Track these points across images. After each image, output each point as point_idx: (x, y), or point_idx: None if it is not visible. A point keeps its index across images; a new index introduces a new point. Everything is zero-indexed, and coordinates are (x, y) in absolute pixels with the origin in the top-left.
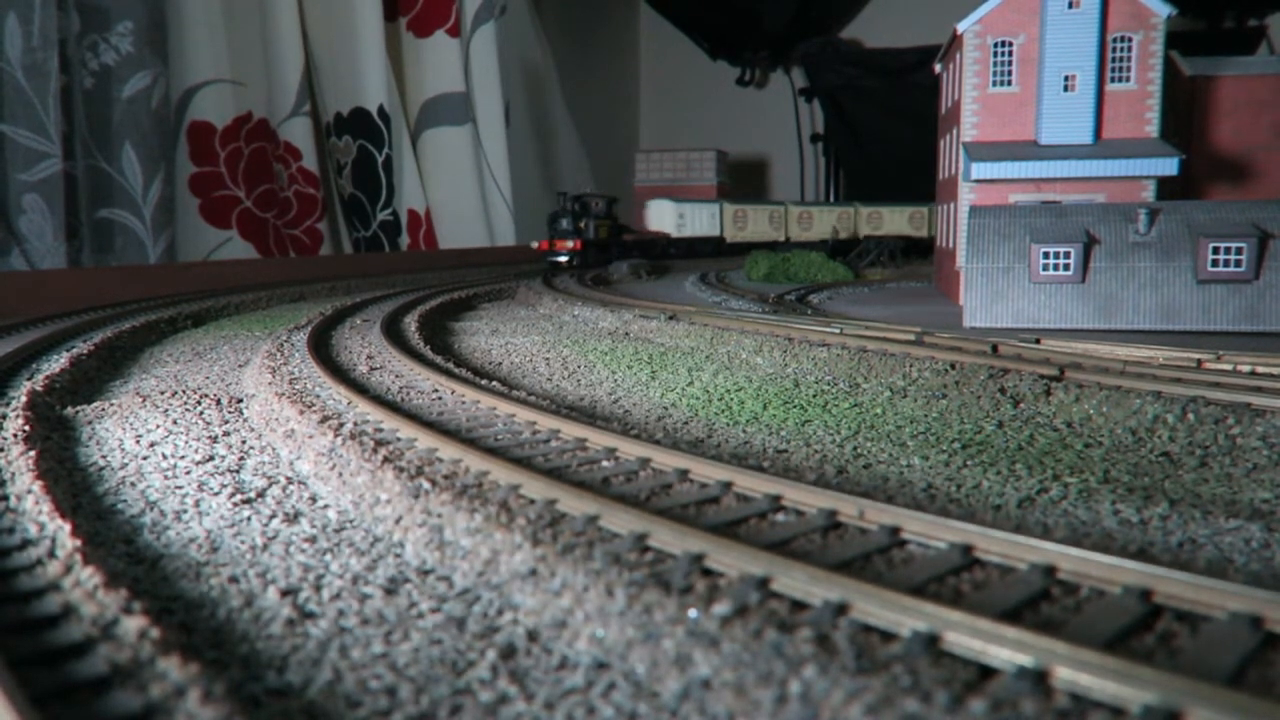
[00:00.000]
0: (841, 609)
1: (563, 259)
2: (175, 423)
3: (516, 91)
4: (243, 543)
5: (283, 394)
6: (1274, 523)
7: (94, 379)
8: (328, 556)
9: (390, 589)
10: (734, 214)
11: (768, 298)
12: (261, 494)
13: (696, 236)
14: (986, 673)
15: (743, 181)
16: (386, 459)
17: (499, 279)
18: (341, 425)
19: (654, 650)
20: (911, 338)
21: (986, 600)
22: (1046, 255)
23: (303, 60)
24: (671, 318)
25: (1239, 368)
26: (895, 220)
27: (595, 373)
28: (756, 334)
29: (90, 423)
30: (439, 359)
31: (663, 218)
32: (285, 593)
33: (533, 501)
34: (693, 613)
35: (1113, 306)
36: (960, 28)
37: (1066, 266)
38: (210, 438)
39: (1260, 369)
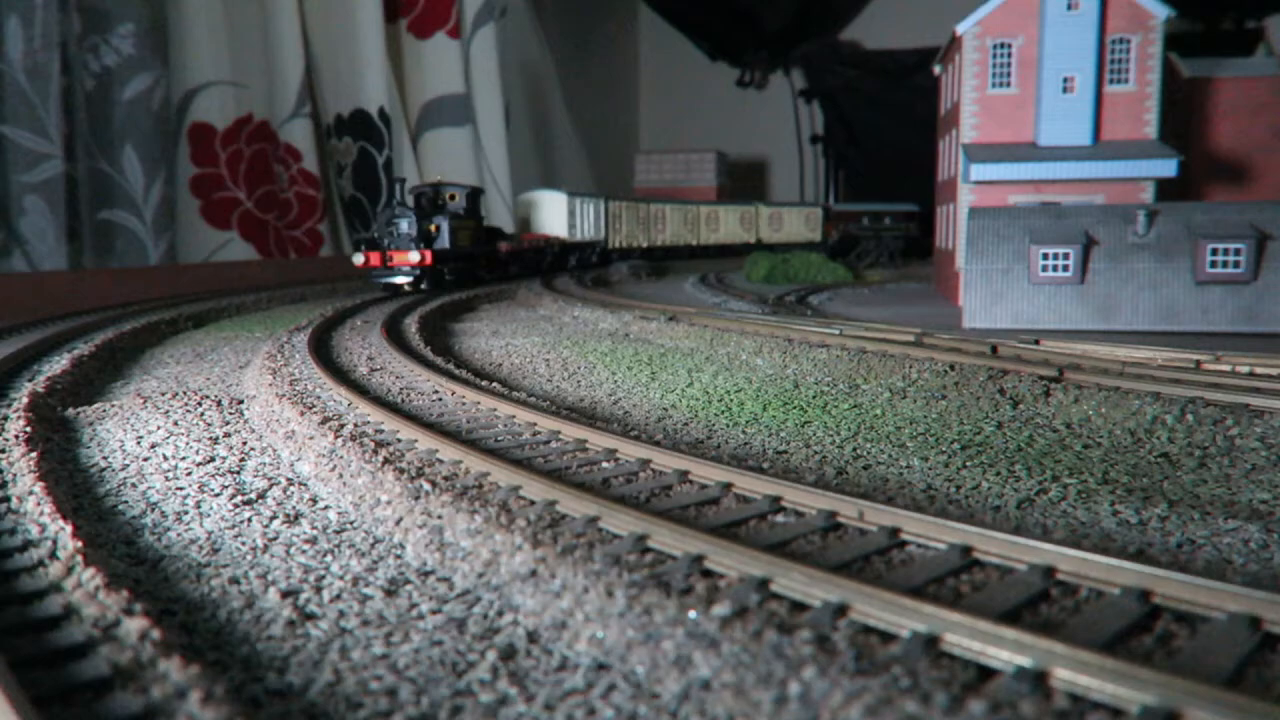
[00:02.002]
0: (841, 610)
1: (403, 279)
2: (176, 424)
3: (517, 93)
4: (243, 544)
5: (283, 395)
6: (1272, 524)
7: (95, 380)
8: (328, 558)
9: (391, 590)
10: (621, 213)
11: (767, 299)
12: (262, 495)
13: (588, 241)
14: (986, 674)
15: (743, 182)
16: (387, 460)
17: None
18: (342, 427)
19: (654, 651)
20: (911, 339)
21: (986, 601)
22: (1046, 256)
23: (303, 62)
24: (671, 319)
25: (1237, 369)
26: (794, 221)
27: (595, 374)
28: (756, 335)
29: (91, 424)
30: (439, 360)
31: (551, 217)
32: (286, 594)
33: (533, 503)
34: (693, 614)
35: (1112, 307)
36: (959, 29)
37: (1066, 268)
38: (211, 439)
39: (1259, 370)
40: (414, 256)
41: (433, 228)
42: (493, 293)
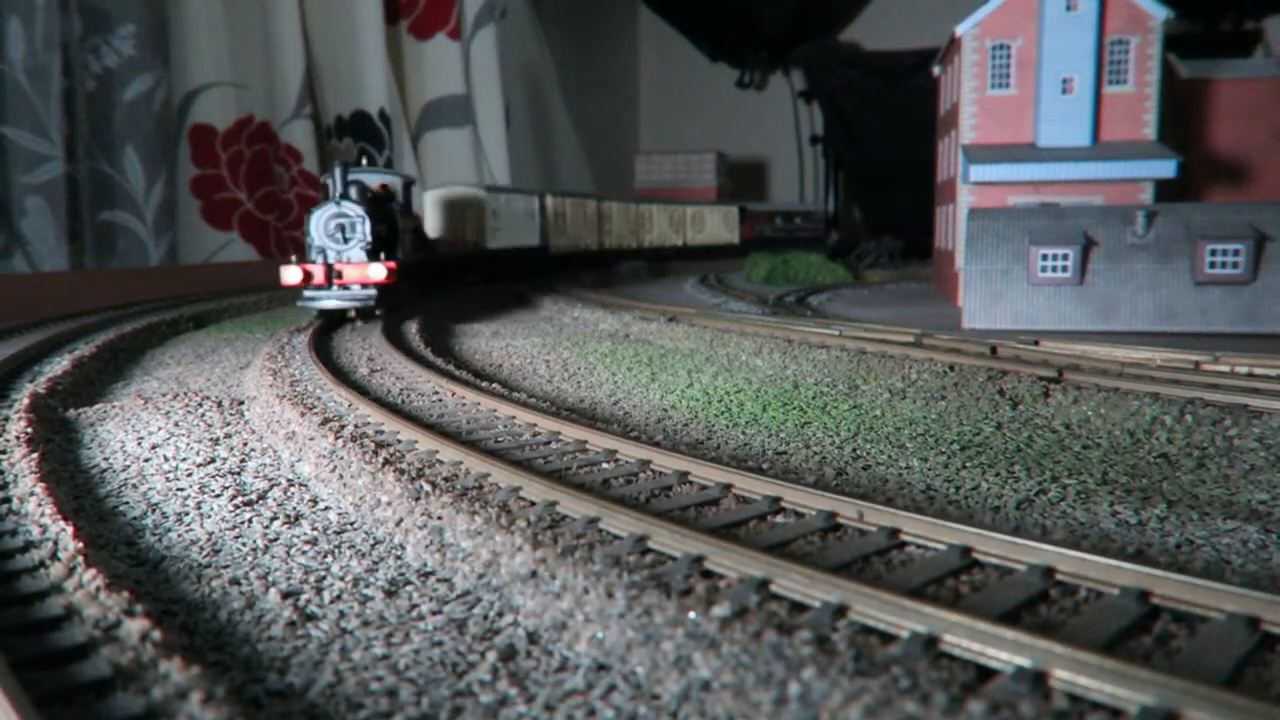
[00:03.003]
0: (841, 611)
1: (349, 304)
2: (177, 425)
3: (517, 94)
4: (244, 545)
5: (284, 396)
6: (1271, 524)
7: (96, 381)
8: (329, 559)
9: (391, 591)
10: (566, 212)
11: (767, 299)
12: (263, 496)
13: (516, 248)
14: (985, 674)
15: (743, 183)
16: (387, 461)
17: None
18: (342, 428)
19: (654, 652)
20: (910, 339)
21: (985, 602)
22: (1045, 257)
23: (304, 63)
24: (671, 319)
25: (1236, 369)
26: (714, 222)
27: (595, 375)
28: (756, 336)
29: (92, 425)
30: (439, 361)
31: (470, 217)
32: (286, 595)
33: (533, 504)
34: (693, 615)
35: (1111, 308)
36: (959, 30)
37: (1065, 268)
38: (212, 440)
39: (1258, 370)
40: (376, 272)
41: (382, 230)
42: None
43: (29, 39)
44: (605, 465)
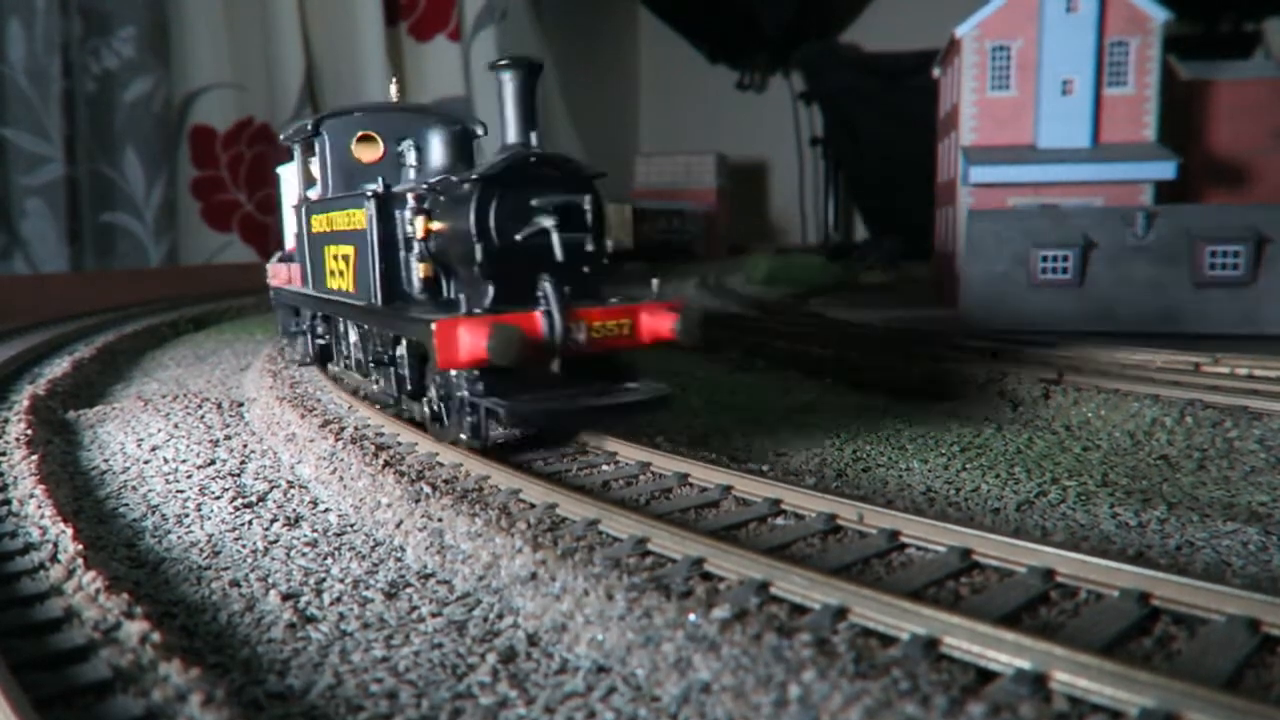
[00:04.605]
0: (841, 613)
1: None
2: (177, 426)
3: None
4: (244, 547)
5: (284, 398)
6: (1271, 526)
7: (95, 383)
8: (329, 560)
9: (391, 593)
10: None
11: (765, 304)
12: (263, 498)
13: None
14: (985, 676)
15: (742, 184)
16: (387, 463)
17: None
18: (343, 429)
19: (654, 654)
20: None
21: (985, 604)
22: (1045, 258)
23: (304, 64)
24: None
25: (1236, 371)
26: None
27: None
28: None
29: (92, 426)
30: None
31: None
32: (286, 597)
33: (533, 506)
34: (692, 617)
35: (1111, 309)
36: (959, 32)
37: (1065, 270)
38: (211, 441)
39: (1257, 372)
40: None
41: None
42: None
43: (29, 41)
44: (605, 467)
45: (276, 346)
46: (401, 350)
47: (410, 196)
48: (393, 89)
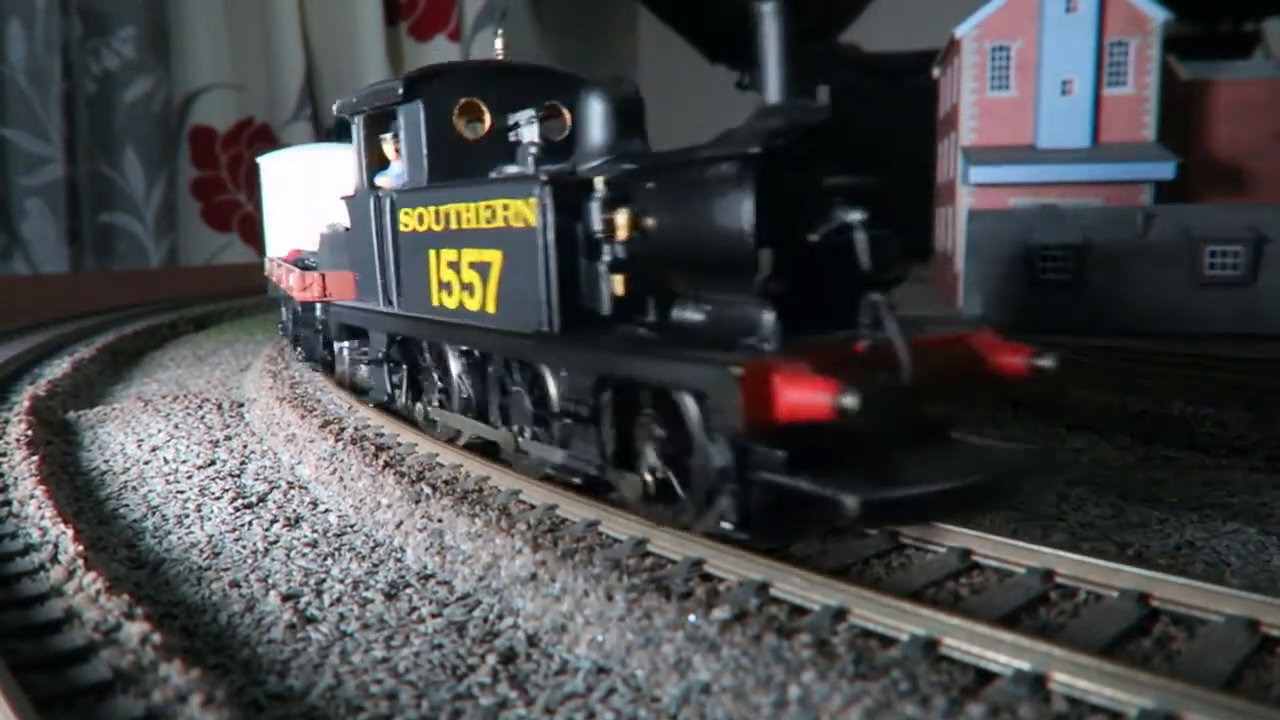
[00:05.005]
0: (840, 614)
1: None
2: (177, 427)
3: None
4: (244, 547)
5: (284, 399)
6: (1270, 526)
7: (96, 383)
8: (329, 561)
9: (391, 594)
10: None
11: None
12: (263, 499)
13: None
14: (985, 677)
15: None
16: (387, 464)
17: None
18: (343, 430)
19: (654, 655)
20: None
21: (985, 605)
22: (1046, 258)
23: (304, 65)
24: None
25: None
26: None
27: None
28: None
29: (92, 427)
30: None
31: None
32: (287, 597)
33: (533, 506)
34: (692, 618)
35: (1110, 309)
36: (958, 32)
37: (1065, 270)
38: (212, 442)
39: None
40: None
41: None
42: None
43: (29, 41)
44: None
45: (276, 347)
46: (606, 398)
47: (599, 182)
48: (498, 44)
